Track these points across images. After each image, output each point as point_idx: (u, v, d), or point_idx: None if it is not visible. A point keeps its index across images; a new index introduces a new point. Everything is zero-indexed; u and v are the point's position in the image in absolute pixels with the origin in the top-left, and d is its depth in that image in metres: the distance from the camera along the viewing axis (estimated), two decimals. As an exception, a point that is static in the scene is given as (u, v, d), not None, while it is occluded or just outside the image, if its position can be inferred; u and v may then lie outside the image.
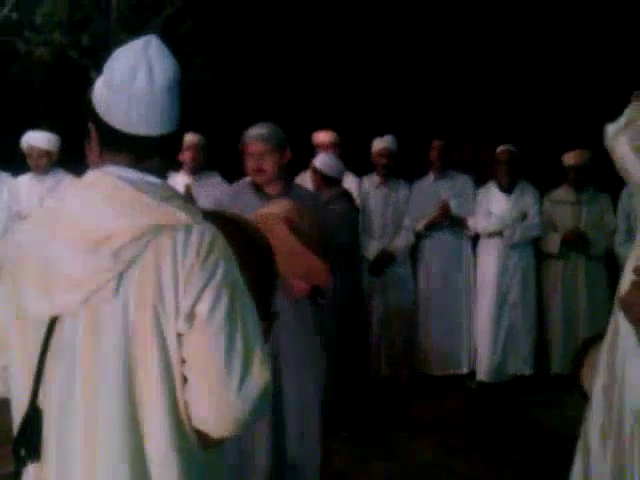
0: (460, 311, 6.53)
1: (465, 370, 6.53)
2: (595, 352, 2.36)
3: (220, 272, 1.67)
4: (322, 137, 6.38)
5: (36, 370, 1.72)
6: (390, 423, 5.51)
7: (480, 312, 6.36)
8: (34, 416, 1.71)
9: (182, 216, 1.69)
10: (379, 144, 6.40)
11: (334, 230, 5.22)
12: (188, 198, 4.88)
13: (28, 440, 1.71)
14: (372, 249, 6.37)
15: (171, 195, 1.73)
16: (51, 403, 1.71)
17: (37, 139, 6.12)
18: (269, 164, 3.64)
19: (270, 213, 3.21)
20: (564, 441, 3.05)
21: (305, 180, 6.16)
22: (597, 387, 2.52)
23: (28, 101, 7.98)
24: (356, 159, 6.46)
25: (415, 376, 6.51)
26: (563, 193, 6.35)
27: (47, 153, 6.13)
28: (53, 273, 1.67)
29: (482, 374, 6.35)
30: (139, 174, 1.73)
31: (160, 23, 8.89)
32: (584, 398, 2.42)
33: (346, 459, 4.89)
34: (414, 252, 6.65)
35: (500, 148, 6.31)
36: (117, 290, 1.65)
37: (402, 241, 6.47)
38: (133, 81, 1.70)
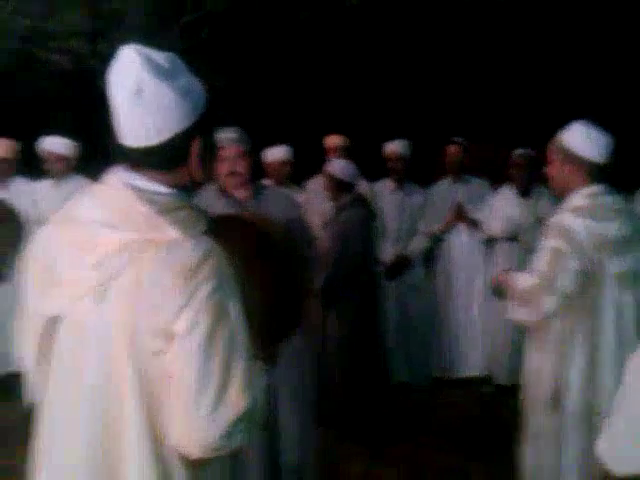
0: (476, 315, 6.52)
1: (482, 373, 6.50)
2: None
3: (204, 291, 1.62)
4: (333, 141, 6.39)
5: (36, 366, 1.79)
6: (407, 428, 5.49)
7: (496, 316, 6.33)
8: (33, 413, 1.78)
9: (172, 231, 1.65)
10: (391, 148, 6.40)
11: (347, 239, 5.25)
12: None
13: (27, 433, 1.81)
14: (388, 253, 6.37)
15: (176, 206, 1.70)
16: (44, 402, 1.76)
17: (53, 144, 6.18)
18: (243, 166, 3.64)
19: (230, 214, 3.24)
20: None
21: (317, 184, 6.20)
22: None
23: (47, 108, 8.06)
24: (368, 163, 6.46)
25: (433, 380, 6.50)
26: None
27: (63, 158, 6.18)
28: (50, 275, 1.71)
29: (499, 377, 6.32)
30: (148, 183, 1.72)
31: (178, 31, 8.99)
32: None
33: (361, 464, 4.88)
34: (430, 256, 6.64)
35: (517, 151, 6.26)
36: (100, 302, 1.65)
37: (418, 245, 6.48)
38: (113, 95, 1.70)
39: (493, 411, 5.83)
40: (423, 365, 6.50)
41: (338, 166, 5.43)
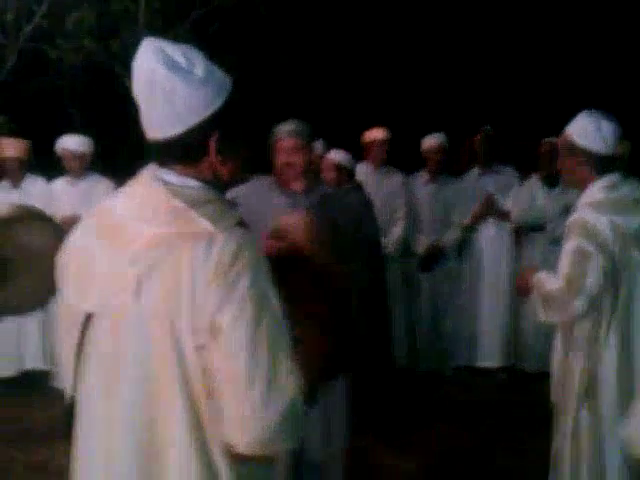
0: (501, 305, 6.50)
1: (506, 363, 6.49)
2: None
3: (244, 283, 1.61)
4: (374, 134, 6.39)
5: (74, 366, 1.77)
6: (432, 416, 5.50)
7: (522, 304, 6.22)
8: (72, 409, 1.77)
9: (206, 224, 1.64)
10: (432, 141, 6.43)
11: (361, 221, 5.28)
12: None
13: (68, 429, 1.78)
14: (421, 245, 6.41)
15: (206, 200, 1.69)
16: (81, 399, 1.75)
17: (70, 142, 6.20)
18: (299, 159, 3.63)
19: (289, 226, 3.22)
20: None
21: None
22: None
23: (60, 106, 8.09)
24: (404, 156, 6.48)
25: (460, 370, 6.53)
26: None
27: (81, 156, 6.20)
28: (86, 271, 1.71)
29: (525, 364, 6.33)
30: (176, 177, 1.72)
31: (188, 27, 8.99)
32: None
33: (381, 453, 4.88)
34: (463, 247, 6.64)
35: (544, 141, 6.22)
36: (137, 296, 1.64)
37: (451, 236, 6.49)
38: (133, 89, 1.71)
39: (520, 397, 5.81)
40: (452, 355, 6.53)
41: (341, 155, 5.62)
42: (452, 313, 6.53)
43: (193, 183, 1.71)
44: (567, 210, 6.16)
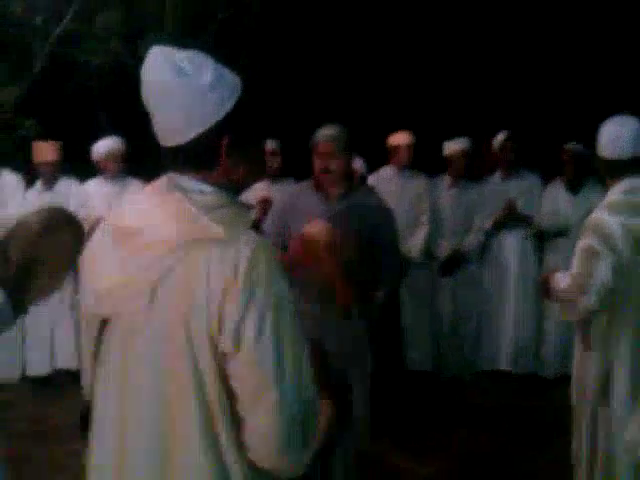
0: (522, 310, 6.48)
1: (528, 370, 6.44)
2: None
3: (262, 290, 1.62)
4: (400, 138, 6.40)
5: (91, 369, 1.83)
6: (452, 421, 5.50)
7: (546, 310, 6.23)
8: (89, 410, 1.82)
9: (220, 230, 1.64)
10: (456, 146, 6.40)
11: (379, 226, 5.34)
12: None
13: (85, 425, 1.84)
14: (443, 249, 6.40)
15: (220, 204, 1.70)
16: (96, 401, 1.79)
17: (107, 145, 6.29)
18: (336, 164, 3.65)
19: (312, 237, 3.32)
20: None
21: (377, 183, 6.26)
22: None
23: (88, 109, 8.20)
24: (427, 159, 6.48)
25: (482, 374, 6.51)
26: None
27: (117, 158, 6.28)
28: (101, 276, 1.73)
29: (547, 371, 6.31)
30: (190, 182, 1.73)
31: (214, 29, 9.05)
32: None
33: (400, 457, 4.89)
34: (484, 252, 6.61)
35: (567, 146, 6.20)
36: (151, 302, 1.65)
37: (473, 241, 6.46)
38: (143, 96, 1.73)
39: (541, 403, 5.80)
40: (472, 360, 6.53)
41: (355, 160, 5.70)
42: (474, 318, 6.52)
43: (206, 188, 1.73)
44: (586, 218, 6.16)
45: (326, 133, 3.65)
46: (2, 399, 5.87)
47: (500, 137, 6.39)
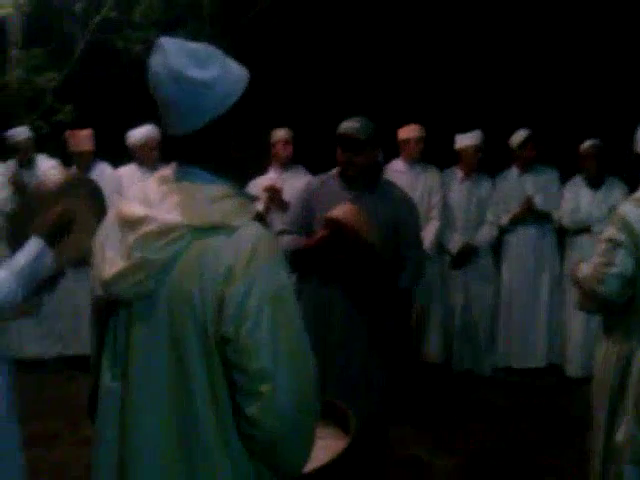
0: (541, 306, 6.49)
1: (546, 365, 6.49)
2: None
3: (261, 280, 1.66)
4: (410, 131, 6.40)
5: (96, 350, 1.89)
6: (466, 415, 5.55)
7: (570, 307, 6.17)
8: (95, 388, 1.89)
9: (224, 219, 1.69)
10: (468, 139, 6.39)
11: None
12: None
13: (91, 408, 1.90)
14: (455, 243, 6.41)
15: (225, 195, 1.74)
16: (102, 383, 1.85)
17: (141, 134, 6.38)
18: (360, 158, 3.66)
19: (339, 218, 3.38)
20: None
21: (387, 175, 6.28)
22: None
23: (127, 97, 8.29)
24: (439, 153, 6.48)
25: (496, 370, 6.53)
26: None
27: (153, 145, 6.36)
28: (109, 260, 1.78)
29: (572, 369, 6.31)
30: (199, 172, 1.78)
31: (250, 20, 9.10)
32: None
33: (425, 449, 4.95)
34: (497, 246, 6.62)
35: (587, 142, 6.19)
36: (157, 286, 1.71)
37: (485, 235, 6.45)
38: (152, 87, 1.78)
39: (556, 402, 5.83)
40: (487, 354, 6.53)
41: None
42: (488, 313, 6.52)
43: (212, 178, 1.77)
44: (612, 212, 6.13)
45: (351, 125, 3.65)
46: (37, 375, 6.04)
47: (520, 135, 6.36)
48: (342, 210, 3.42)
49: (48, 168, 6.32)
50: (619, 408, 3.18)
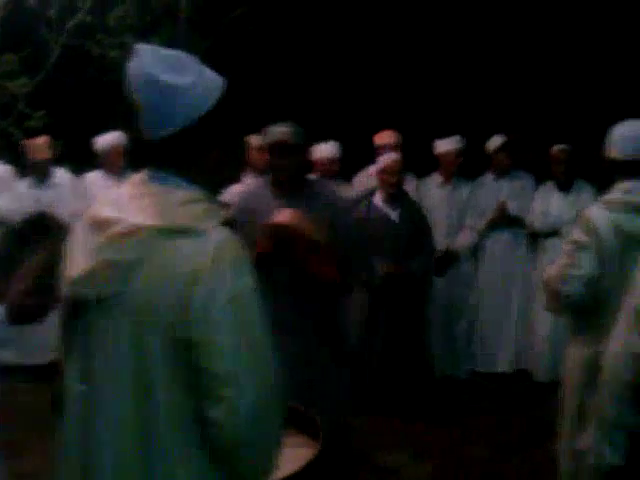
0: (513, 310, 6.49)
1: (512, 369, 6.52)
2: None
3: (226, 284, 1.68)
4: (385, 138, 6.40)
5: (62, 353, 1.88)
6: (445, 420, 5.55)
7: (539, 311, 6.24)
8: (61, 391, 1.87)
9: (193, 223, 1.71)
10: (448, 145, 6.39)
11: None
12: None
13: (57, 408, 1.88)
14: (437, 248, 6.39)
15: (194, 199, 1.76)
16: (67, 384, 1.84)
17: (108, 140, 6.33)
18: (293, 161, 3.66)
19: (281, 223, 3.33)
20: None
21: (365, 180, 6.27)
22: None
23: (102, 103, 8.23)
24: (417, 159, 6.48)
25: (473, 374, 6.55)
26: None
27: (119, 152, 6.32)
28: (78, 262, 1.78)
29: (540, 373, 6.33)
30: (170, 176, 1.79)
31: (227, 24, 9.06)
32: None
33: (398, 455, 4.95)
34: (476, 251, 6.65)
35: (557, 147, 6.24)
36: (124, 286, 1.71)
37: (465, 240, 6.47)
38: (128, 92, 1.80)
39: (528, 407, 5.84)
40: (465, 359, 6.53)
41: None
42: (466, 317, 6.53)
43: (183, 183, 1.79)
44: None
45: (279, 130, 3.66)
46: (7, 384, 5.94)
47: (495, 142, 6.39)
48: (283, 215, 3.38)
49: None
50: (585, 411, 3.19)
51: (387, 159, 5.53)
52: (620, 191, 3.30)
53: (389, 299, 5.45)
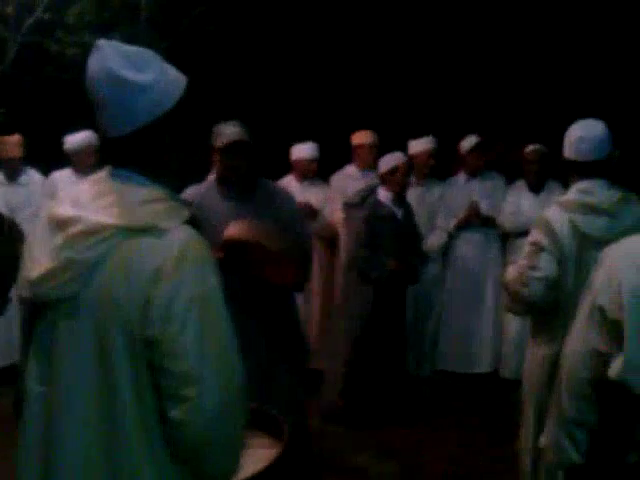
0: (485, 311, 6.53)
1: (488, 369, 6.52)
2: None
3: (189, 283, 1.67)
4: (362, 138, 6.39)
5: (22, 350, 1.88)
6: (410, 419, 5.56)
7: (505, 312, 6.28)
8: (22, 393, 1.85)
9: (155, 221, 1.70)
10: (421, 145, 6.39)
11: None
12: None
13: (18, 413, 1.86)
14: None
15: (157, 198, 1.75)
16: (32, 384, 1.81)
17: (79, 139, 6.25)
18: (246, 161, 3.63)
19: (236, 238, 3.31)
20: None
21: (342, 180, 6.26)
22: None
23: (60, 101, 8.12)
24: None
25: (439, 374, 6.57)
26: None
27: (93, 152, 6.25)
28: (37, 262, 1.75)
29: (506, 371, 6.36)
30: (132, 175, 1.79)
31: (188, 23, 8.99)
32: None
33: (365, 455, 4.96)
34: (446, 251, 6.65)
35: (530, 147, 6.27)
36: (84, 286, 1.69)
37: (436, 240, 6.48)
38: (88, 89, 1.79)
39: (494, 406, 5.89)
40: (430, 359, 6.56)
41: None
42: (434, 317, 6.55)
43: (145, 181, 1.78)
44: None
45: (232, 130, 3.61)
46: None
47: (468, 142, 6.41)
48: (235, 228, 3.36)
49: None
50: (546, 410, 3.23)
51: (399, 159, 5.44)
52: (576, 192, 3.34)
53: (392, 296, 5.45)
